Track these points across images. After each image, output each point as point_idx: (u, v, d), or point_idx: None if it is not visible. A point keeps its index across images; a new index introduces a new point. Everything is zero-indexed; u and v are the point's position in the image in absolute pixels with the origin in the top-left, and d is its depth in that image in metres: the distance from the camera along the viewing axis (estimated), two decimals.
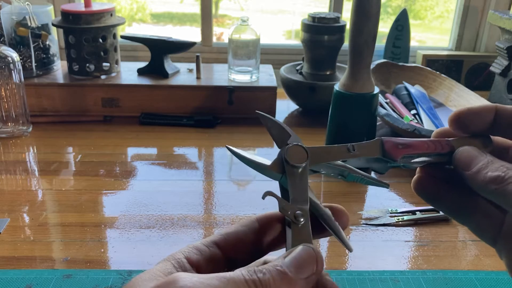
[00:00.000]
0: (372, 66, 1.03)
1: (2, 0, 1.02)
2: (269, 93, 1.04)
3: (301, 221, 0.27)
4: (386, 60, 1.10)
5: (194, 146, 0.92)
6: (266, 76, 1.09)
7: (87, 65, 1.03)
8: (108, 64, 1.05)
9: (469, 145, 0.30)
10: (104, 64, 1.04)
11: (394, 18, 1.48)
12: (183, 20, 1.92)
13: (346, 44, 0.77)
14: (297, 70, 1.09)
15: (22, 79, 0.92)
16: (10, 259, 0.59)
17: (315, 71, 1.06)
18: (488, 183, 0.27)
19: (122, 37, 1.09)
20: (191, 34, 1.86)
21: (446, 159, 0.30)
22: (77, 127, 0.98)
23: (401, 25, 1.46)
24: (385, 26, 1.68)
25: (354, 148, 0.30)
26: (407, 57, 1.49)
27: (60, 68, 1.09)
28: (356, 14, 0.71)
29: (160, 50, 1.07)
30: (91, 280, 0.55)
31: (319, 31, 1.01)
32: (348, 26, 0.78)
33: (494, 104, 0.30)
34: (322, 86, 1.01)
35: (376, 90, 0.76)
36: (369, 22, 0.70)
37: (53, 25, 1.04)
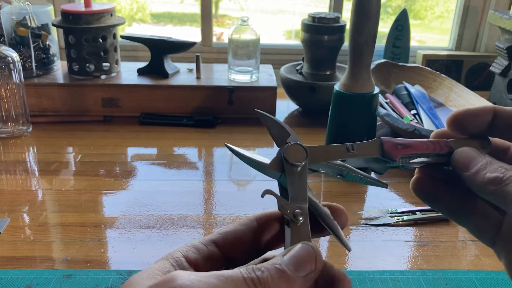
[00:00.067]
0: (372, 66, 1.03)
1: (2, 0, 1.02)
2: (269, 93, 1.04)
3: (300, 219, 0.27)
4: (386, 60, 1.10)
5: (194, 146, 0.92)
6: (266, 76, 1.09)
7: (87, 65, 1.03)
8: (108, 64, 1.05)
9: (467, 146, 0.30)
10: (104, 64, 1.04)
11: (394, 18, 1.48)
12: (183, 20, 1.92)
13: (346, 44, 0.77)
14: (297, 70, 1.09)
15: (22, 79, 0.92)
16: (10, 259, 0.59)
17: (315, 71, 1.06)
18: (486, 184, 0.27)
19: (122, 37, 1.09)
20: (191, 34, 1.86)
21: (445, 160, 0.30)
22: (77, 127, 0.98)
23: (401, 25, 1.46)
24: (385, 26, 1.68)
25: (353, 147, 0.30)
26: (407, 57, 1.49)
27: (60, 68, 1.10)
28: (356, 14, 0.71)
29: (160, 50, 1.07)
30: (91, 280, 0.55)
31: (319, 31, 1.01)
32: (348, 26, 0.78)
33: (492, 105, 0.30)
34: (322, 86, 1.01)
35: (376, 90, 0.76)
36: (369, 22, 0.71)
37: (53, 25, 1.04)
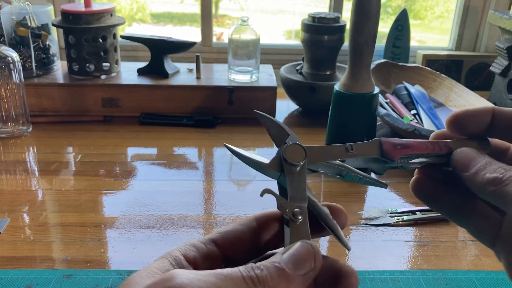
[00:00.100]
0: (372, 66, 1.03)
1: (2, 0, 1.02)
2: (269, 93, 1.04)
3: (299, 218, 0.27)
4: (386, 60, 1.10)
5: (194, 146, 0.92)
6: (266, 76, 1.09)
7: (87, 65, 1.03)
8: (108, 64, 1.05)
9: (467, 147, 0.30)
10: (104, 64, 1.04)
11: (394, 18, 1.48)
12: (183, 20, 1.92)
13: (346, 44, 0.77)
14: (297, 70, 1.09)
15: (22, 79, 0.92)
16: (10, 259, 0.59)
17: (315, 71, 1.06)
18: (486, 185, 0.27)
19: (122, 37, 1.09)
20: (191, 34, 1.86)
21: (444, 161, 0.30)
22: (77, 127, 0.98)
23: (401, 25, 1.46)
24: (385, 26, 1.68)
25: (353, 147, 0.30)
26: (407, 57, 1.49)
27: (60, 68, 1.10)
28: (356, 14, 0.71)
29: (160, 50, 1.07)
30: (91, 280, 0.55)
31: (319, 31, 1.01)
32: (348, 26, 0.78)
33: (492, 106, 0.30)
34: (322, 86, 1.01)
35: (376, 90, 0.76)
36: (369, 22, 0.71)
37: (53, 25, 1.04)
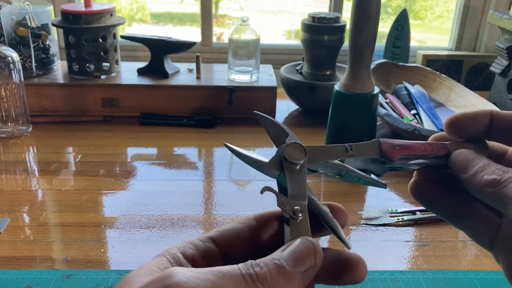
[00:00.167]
0: (372, 66, 1.03)
1: (2, 0, 1.02)
2: (269, 93, 1.04)
3: (299, 216, 0.26)
4: (386, 60, 1.10)
5: (194, 146, 0.92)
6: (266, 76, 1.09)
7: (87, 65, 1.03)
8: (108, 64, 1.05)
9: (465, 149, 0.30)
10: (104, 64, 1.04)
11: (394, 18, 1.48)
12: (183, 20, 1.92)
13: (346, 44, 0.77)
14: (297, 70, 1.09)
15: (22, 79, 0.92)
16: (10, 259, 0.59)
17: (315, 71, 1.06)
18: (484, 186, 0.27)
19: (122, 37, 1.09)
20: (191, 34, 1.86)
21: (443, 162, 0.30)
22: (77, 127, 0.98)
23: (401, 25, 1.46)
24: (385, 26, 1.68)
25: (352, 148, 0.30)
26: (407, 57, 1.49)
27: (60, 68, 1.10)
28: (356, 14, 0.71)
29: (160, 50, 1.07)
30: (91, 280, 0.55)
31: (319, 31, 1.01)
32: (348, 26, 0.78)
33: (490, 109, 0.30)
34: (322, 86, 1.01)
35: (376, 90, 0.76)
36: (369, 22, 0.71)
37: (53, 25, 1.04)
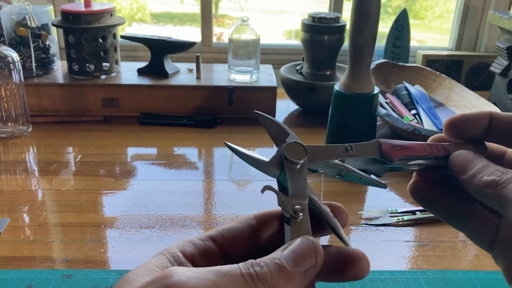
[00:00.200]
0: (372, 66, 1.03)
1: (2, 0, 1.02)
2: (269, 93, 1.04)
3: (300, 215, 0.26)
4: (386, 60, 1.10)
5: (194, 146, 0.92)
6: (266, 76, 1.09)
7: (87, 65, 1.03)
8: (108, 64, 1.05)
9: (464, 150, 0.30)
10: (104, 64, 1.04)
11: (394, 18, 1.48)
12: (183, 20, 1.92)
13: (346, 44, 0.77)
14: (297, 70, 1.09)
15: (22, 79, 0.92)
16: (10, 259, 0.59)
17: (315, 71, 1.06)
18: (483, 187, 0.27)
19: (122, 37, 1.09)
20: (191, 34, 1.86)
21: (443, 163, 0.30)
22: (77, 127, 0.98)
23: (401, 25, 1.46)
24: (385, 26, 1.68)
25: (352, 148, 0.30)
26: (407, 57, 1.49)
27: (60, 68, 1.10)
28: (356, 14, 0.71)
29: (160, 50, 1.07)
30: (91, 280, 0.55)
31: (319, 31, 1.01)
32: (348, 26, 0.78)
33: (489, 110, 0.30)
34: (322, 86, 1.01)
35: (376, 90, 0.76)
36: (369, 22, 0.71)
37: (53, 25, 1.04)
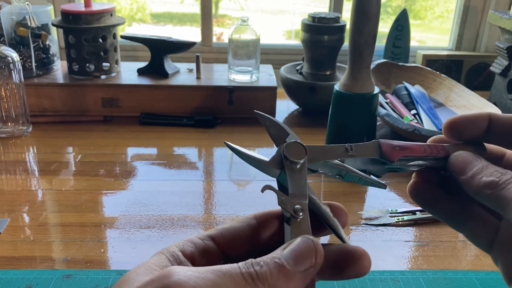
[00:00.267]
0: (372, 66, 1.03)
1: (2, 0, 1.02)
2: (269, 93, 1.04)
3: (300, 215, 0.26)
4: (386, 60, 1.10)
5: (194, 146, 0.92)
6: (266, 76, 1.09)
7: (87, 65, 1.03)
8: (108, 64, 1.05)
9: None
10: (104, 64, 1.04)
11: (394, 18, 1.48)
12: (183, 20, 1.92)
13: (346, 44, 0.77)
14: (297, 70, 1.09)
15: (22, 79, 0.92)
16: (10, 259, 0.59)
17: (315, 71, 1.06)
18: (482, 188, 0.27)
19: (122, 37, 1.09)
20: (191, 34, 1.86)
21: (442, 164, 0.30)
22: (77, 127, 0.98)
23: (401, 25, 1.46)
24: (385, 26, 1.68)
25: (352, 148, 0.30)
26: (407, 57, 1.49)
27: (60, 68, 1.10)
28: (356, 14, 0.71)
29: (160, 50, 1.07)
30: (91, 280, 0.55)
31: (319, 31, 1.01)
32: (348, 26, 0.78)
33: (488, 111, 0.30)
34: (322, 86, 1.01)
35: (376, 90, 0.76)
36: (369, 22, 0.71)
37: (53, 25, 1.04)
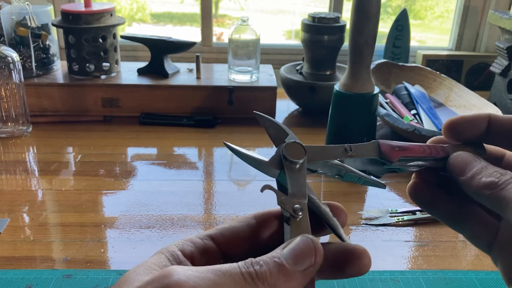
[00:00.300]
0: (372, 66, 1.03)
1: (2, 0, 1.02)
2: (269, 93, 1.04)
3: (299, 214, 0.26)
4: (386, 60, 1.10)
5: (194, 146, 0.92)
6: (266, 76, 1.09)
7: (87, 65, 1.03)
8: (108, 64, 1.05)
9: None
10: (104, 64, 1.04)
11: (394, 18, 1.48)
12: (183, 20, 1.92)
13: (346, 44, 0.77)
14: (297, 70, 1.09)
15: (22, 79, 0.92)
16: (10, 259, 0.59)
17: (315, 71, 1.06)
18: (482, 189, 0.27)
19: (122, 37, 1.09)
20: (191, 34, 1.86)
21: (442, 165, 0.30)
22: (77, 127, 0.98)
23: (401, 25, 1.46)
24: (385, 26, 1.68)
25: (352, 148, 0.30)
26: (407, 57, 1.49)
27: (60, 68, 1.09)
28: (356, 14, 0.71)
29: (160, 50, 1.07)
30: (91, 280, 0.55)
31: (319, 31, 1.01)
32: (348, 26, 0.78)
33: (488, 112, 0.30)
34: (322, 86, 1.01)
35: (376, 90, 0.76)
36: (369, 22, 0.71)
37: (53, 25, 1.04)
